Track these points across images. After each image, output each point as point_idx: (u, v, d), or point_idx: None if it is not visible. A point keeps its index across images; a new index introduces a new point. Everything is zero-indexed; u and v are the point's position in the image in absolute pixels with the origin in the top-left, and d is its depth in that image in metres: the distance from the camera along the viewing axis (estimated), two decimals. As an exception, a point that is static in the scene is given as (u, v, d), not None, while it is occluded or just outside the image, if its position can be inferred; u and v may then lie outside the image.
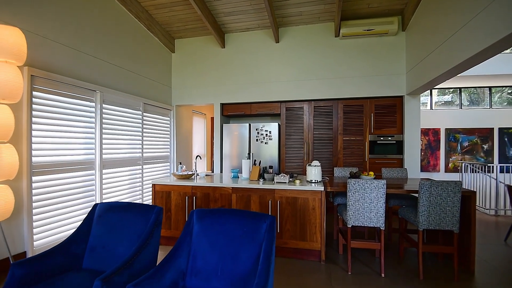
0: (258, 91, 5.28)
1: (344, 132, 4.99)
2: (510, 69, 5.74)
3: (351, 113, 4.99)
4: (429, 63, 4.01)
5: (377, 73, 4.86)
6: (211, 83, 5.53)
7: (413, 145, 4.77)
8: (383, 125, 4.89)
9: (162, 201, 3.44)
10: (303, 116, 5.15)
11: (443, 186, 2.52)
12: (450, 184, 2.51)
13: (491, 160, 6.80)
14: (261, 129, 5.21)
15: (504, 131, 6.76)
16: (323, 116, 5.08)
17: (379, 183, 2.62)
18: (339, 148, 5.00)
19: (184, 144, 6.11)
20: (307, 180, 3.29)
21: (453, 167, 6.98)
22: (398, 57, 4.82)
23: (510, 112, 6.77)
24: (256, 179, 3.45)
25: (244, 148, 5.30)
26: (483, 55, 2.97)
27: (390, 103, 4.88)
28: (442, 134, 7.06)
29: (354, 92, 4.91)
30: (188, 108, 6.32)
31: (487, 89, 7.10)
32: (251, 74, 5.32)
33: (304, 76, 5.10)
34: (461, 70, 3.52)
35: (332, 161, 5.02)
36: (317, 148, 5.09)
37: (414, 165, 4.75)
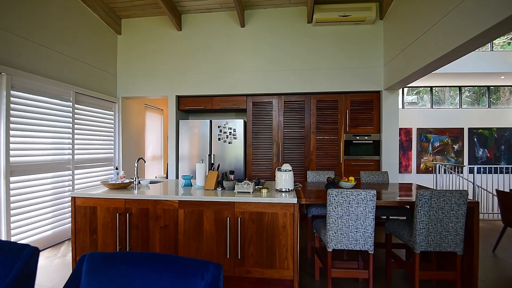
0: (220, 82, 4.55)
1: (317, 130, 4.43)
2: (484, 67, 5.59)
3: (325, 109, 4.44)
4: (409, 55, 3.58)
5: (353, 65, 4.36)
6: (165, 72, 4.69)
7: (391, 145, 4.33)
8: (359, 123, 4.40)
9: (85, 220, 2.58)
10: (272, 112, 4.51)
11: (446, 197, 1.99)
12: (454, 195, 1.98)
13: (461, 161, 6.70)
14: (224, 126, 4.49)
15: (473, 131, 6.68)
16: (294, 112, 4.49)
17: (367, 195, 2.02)
18: (312, 149, 4.43)
19: (134, 144, 5.19)
20: (277, 189, 2.63)
21: (424, 168, 6.79)
22: (376, 48, 4.36)
23: (478, 112, 6.71)
24: (212, 188, 2.72)
25: (205, 149, 4.54)
26: (469, 47, 2.59)
27: (367, 99, 4.41)
28: (414, 134, 6.84)
29: (328, 86, 4.37)
30: (139, 102, 5.40)
31: (447, 89, 7.00)
32: (212, 63, 4.58)
33: (273, 66, 4.46)
34: (444, 63, 3.12)
35: (305, 163, 4.44)
36: (288, 148, 4.48)
37: (392, 167, 4.32)
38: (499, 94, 6.87)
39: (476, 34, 2.33)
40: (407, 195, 2.57)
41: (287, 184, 2.59)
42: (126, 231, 2.50)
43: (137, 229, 2.49)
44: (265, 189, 2.54)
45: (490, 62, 5.59)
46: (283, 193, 2.52)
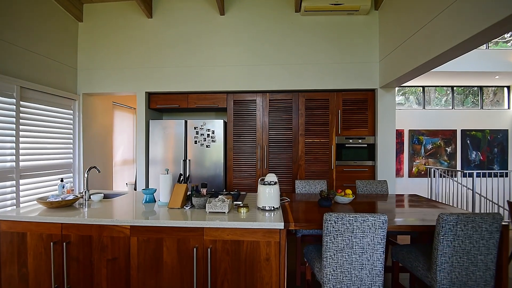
0: (197, 77, 4.00)
1: (306, 132, 3.96)
2: (479, 66, 5.29)
3: (314, 109, 3.97)
4: (407, 50, 3.18)
5: (345, 60, 3.91)
6: (133, 66, 4.08)
7: (387, 149, 3.91)
8: (352, 124, 3.96)
9: (12, 249, 1.98)
10: (256, 111, 4.00)
11: (476, 223, 1.54)
12: (485, 220, 1.53)
13: (454, 164, 6.42)
14: (201, 127, 3.94)
15: (466, 133, 6.41)
16: (280, 112, 3.99)
17: (376, 221, 1.54)
18: (300, 153, 3.95)
19: (99, 147, 4.55)
20: (259, 207, 2.12)
21: (417, 172, 6.47)
22: (370, 41, 3.93)
23: (471, 113, 6.45)
24: (179, 205, 2.18)
25: (180, 153, 3.98)
26: (472, 43, 2.25)
27: (361, 98, 3.97)
28: (406, 136, 6.50)
29: (318, 83, 3.91)
30: (106, 99, 4.76)
31: (433, 90, 6.71)
32: (188, 55, 4.02)
33: (257, 60, 3.95)
34: (447, 59, 2.73)
35: (292, 170, 3.95)
36: (274, 152, 3.98)
37: (389, 174, 3.90)
38: (484, 96, 6.63)
39: (488, 25, 1.95)
40: (427, 218, 2.12)
41: (271, 200, 2.08)
42: (63, 265, 1.92)
43: (77, 262, 1.92)
44: (244, 208, 2.03)
45: (485, 61, 5.31)
46: (266, 213, 2.01)
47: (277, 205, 2.10)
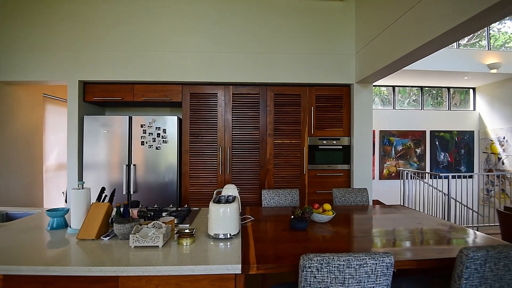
0: (145, 64, 3.30)
1: (275, 132, 3.44)
2: (449, 65, 5.15)
3: (285, 105, 3.46)
4: (384, 42, 2.82)
5: (319, 51, 3.45)
6: (63, 47, 3.28)
7: (364, 151, 3.52)
8: (326, 123, 3.52)
9: None
10: (218, 107, 3.40)
11: (510, 259, 1.09)
12: None
13: (423, 166, 6.32)
14: (149, 125, 3.25)
15: (435, 134, 6.34)
16: (246, 108, 3.43)
17: (378, 264, 1.03)
18: (268, 156, 3.42)
19: (23, 148, 3.65)
20: (211, 234, 1.53)
21: (387, 174, 6.27)
22: (347, 31, 3.51)
23: (440, 114, 6.40)
24: (93, 236, 1.52)
25: (123, 156, 3.25)
26: (454, 35, 2.04)
27: (336, 94, 3.54)
28: (377, 137, 6.28)
29: (289, 76, 3.40)
30: (33, 90, 3.86)
31: (397, 91, 6.61)
32: (133, 37, 3.31)
33: (218, 47, 3.35)
34: (426, 53, 2.46)
35: (259, 175, 3.41)
36: (238, 155, 3.41)
37: (365, 179, 3.51)
38: (440, 98, 6.64)
39: (469, 16, 1.73)
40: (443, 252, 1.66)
41: (227, 225, 1.51)
42: None
43: None
44: (188, 238, 1.43)
45: (455, 61, 5.19)
46: (220, 243, 1.43)
47: (235, 231, 1.53)
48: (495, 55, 5.21)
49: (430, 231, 1.73)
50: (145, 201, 3.24)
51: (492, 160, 6.03)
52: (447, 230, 1.76)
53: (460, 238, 1.62)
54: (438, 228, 1.80)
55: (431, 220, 2.01)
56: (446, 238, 1.61)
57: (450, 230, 1.76)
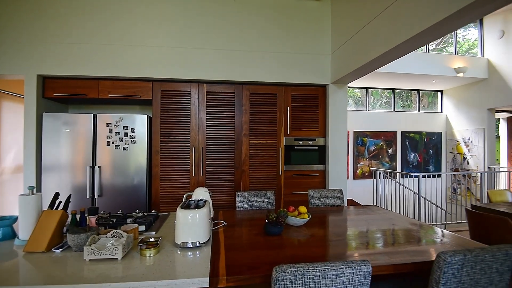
0: (113, 59, 3.08)
1: (251, 132, 3.35)
2: (419, 68, 5.34)
3: (261, 105, 3.39)
4: (360, 43, 2.83)
5: (295, 50, 3.41)
6: (20, 39, 2.98)
7: (339, 152, 3.53)
8: (303, 124, 3.49)
9: None
10: (191, 105, 3.25)
11: (485, 263, 1.07)
12: (497, 257, 1.09)
13: (394, 165, 6.52)
14: (116, 124, 3.04)
15: (405, 135, 6.57)
16: (221, 107, 3.31)
17: (355, 272, 0.97)
18: (244, 156, 3.33)
19: (-30, 148, 3.29)
20: (178, 243, 1.41)
21: (361, 173, 6.40)
22: (323, 30, 3.50)
23: (410, 115, 6.63)
24: (43, 249, 1.35)
25: (87, 157, 3.02)
26: (427, 36, 2.06)
27: (311, 94, 3.52)
28: (351, 137, 6.39)
29: (265, 75, 3.33)
30: (-15, 84, 3.50)
31: (370, 93, 6.82)
32: (100, 28, 3.08)
33: (192, 43, 3.21)
34: (399, 54, 2.47)
35: (234, 176, 3.30)
36: (213, 156, 3.28)
37: (340, 179, 3.52)
38: (410, 101, 6.91)
39: (443, 17, 1.75)
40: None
41: (196, 233, 1.39)
42: None
43: None
44: (152, 249, 1.30)
45: (425, 65, 5.39)
46: (188, 253, 1.32)
47: (204, 239, 1.42)
48: (461, 59, 5.47)
49: (403, 232, 1.72)
50: (112, 206, 3.02)
51: (458, 160, 6.34)
52: (417, 230, 1.76)
53: (430, 238, 1.62)
54: (412, 229, 1.80)
55: (404, 220, 2.02)
56: (419, 238, 1.61)
57: (419, 229, 1.76)
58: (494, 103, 5.46)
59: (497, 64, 5.37)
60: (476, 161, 5.87)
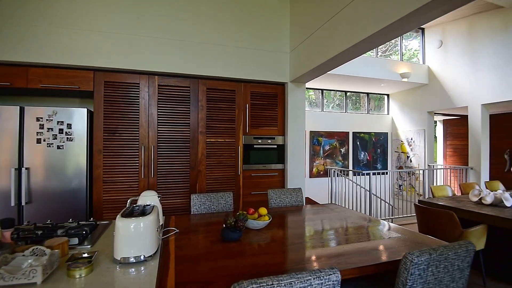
0: (46, 43, 2.65)
1: (208, 130, 3.16)
2: (369, 72, 5.63)
3: (218, 101, 3.21)
4: (317, 42, 2.83)
5: (255, 46, 3.31)
6: None
7: (297, 151, 3.51)
8: (262, 122, 3.40)
9: None
10: (140, 99, 2.94)
11: (449, 261, 1.06)
12: (459, 254, 1.08)
13: (347, 164, 6.82)
14: (49, 118, 2.61)
15: (356, 135, 6.90)
16: (175, 102, 3.06)
17: (324, 283, 0.86)
18: (200, 156, 3.12)
19: None
20: (117, 259, 1.18)
21: (316, 172, 6.57)
22: (282, 27, 3.45)
23: (360, 117, 6.99)
24: None
25: (12, 157, 2.54)
26: (385, 35, 2.08)
27: (271, 92, 3.45)
28: (307, 137, 6.52)
29: (224, 70, 3.17)
30: None
31: (320, 95, 7.11)
32: (29, 6, 2.62)
33: (141, 30, 2.90)
34: (357, 53, 2.51)
35: (190, 178, 3.08)
36: (165, 156, 3.01)
37: (299, 178, 3.50)
38: (359, 104, 7.36)
39: (402, 15, 1.77)
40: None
41: (141, 244, 1.18)
42: None
43: None
44: (83, 268, 1.06)
45: (375, 69, 5.71)
46: (131, 270, 1.10)
47: (151, 251, 1.21)
48: (406, 65, 5.90)
49: (363, 230, 1.71)
50: (44, 215, 2.59)
51: (402, 159, 6.85)
52: (376, 227, 1.76)
53: (389, 235, 1.63)
54: (369, 226, 1.80)
55: (360, 218, 2.03)
56: (378, 236, 1.60)
57: (377, 226, 1.77)
58: (433, 107, 5.99)
59: (436, 71, 5.90)
60: (418, 159, 6.39)
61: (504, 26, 4.58)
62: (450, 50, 5.60)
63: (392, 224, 1.90)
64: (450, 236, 2.35)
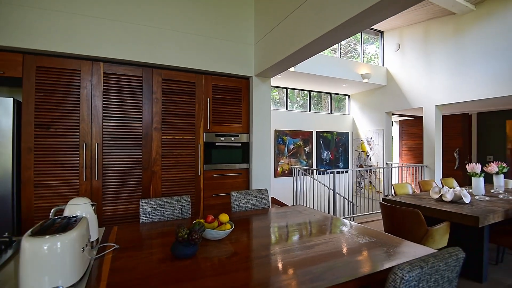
0: (-49, 15, 2.12)
1: (164, 126, 2.82)
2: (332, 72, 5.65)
3: (176, 94, 2.89)
4: (282, 34, 2.68)
5: (218, 35, 3.05)
6: None
7: (263, 149, 3.32)
8: (225, 118, 3.15)
9: None
10: (81, 89, 2.52)
11: (439, 273, 0.91)
12: (449, 265, 0.94)
13: (310, 163, 6.82)
14: (-42, 109, 2.10)
15: (320, 134, 6.94)
16: (124, 93, 2.68)
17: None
18: (154, 155, 2.77)
19: None
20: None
21: (281, 172, 6.47)
22: (247, 18, 3.23)
23: (323, 116, 7.04)
24: None
25: None
26: (352, 26, 1.99)
27: (234, 86, 3.21)
28: (272, 136, 6.40)
29: (182, 59, 2.86)
30: None
31: (284, 94, 7.11)
32: None
33: (84, 6, 2.48)
34: (323, 46, 2.40)
35: (142, 180, 2.72)
36: (112, 155, 2.62)
37: (265, 178, 3.32)
38: (321, 105, 7.49)
39: (365, 8, 1.71)
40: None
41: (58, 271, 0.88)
42: None
43: None
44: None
45: (337, 69, 5.75)
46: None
47: (74, 279, 0.91)
48: (366, 67, 6.04)
49: (335, 236, 1.56)
50: None
51: (362, 157, 7.04)
52: (351, 232, 1.63)
53: (364, 240, 1.49)
54: (336, 229, 1.65)
55: (329, 220, 1.88)
56: (353, 242, 1.45)
57: (351, 230, 1.64)
58: (391, 107, 6.22)
59: (394, 73, 6.13)
60: (377, 158, 6.59)
61: (456, 32, 4.85)
62: (407, 53, 5.84)
63: (360, 224, 1.79)
64: (416, 234, 2.32)
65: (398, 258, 1.24)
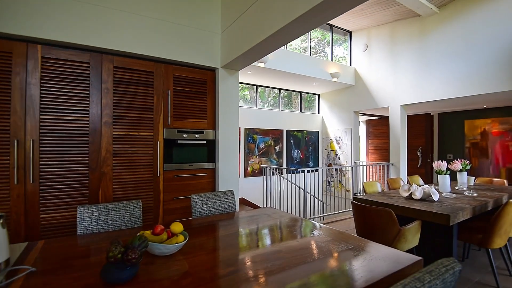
0: None
1: (116, 120, 2.48)
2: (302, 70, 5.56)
3: (130, 83, 2.56)
4: (250, 20, 2.48)
5: (181, 22, 2.76)
6: None
7: (230, 148, 3.09)
8: (188, 113, 2.87)
9: None
10: (12, 75, 2.11)
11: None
12: (446, 280, 0.78)
13: (281, 162, 6.70)
14: None
15: (290, 133, 6.85)
16: (66, 82, 2.30)
17: None
18: (104, 153, 2.42)
19: None
20: None
21: (251, 171, 6.28)
22: (213, 3, 2.98)
23: (293, 115, 6.97)
24: None
25: None
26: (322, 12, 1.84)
27: (199, 78, 2.94)
28: (242, 134, 6.18)
29: (139, 45, 2.53)
30: None
31: (254, 92, 6.98)
32: None
33: (14, -21, 2.08)
34: (293, 35, 2.24)
35: (89, 182, 2.36)
36: (52, 154, 2.23)
37: (232, 179, 3.09)
38: (291, 105, 7.46)
39: None
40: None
41: None
42: None
43: None
44: None
45: (308, 67, 5.68)
46: None
47: None
48: (336, 66, 6.04)
49: (308, 242, 1.38)
50: None
51: (332, 156, 7.07)
52: (324, 237, 1.46)
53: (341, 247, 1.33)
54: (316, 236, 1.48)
55: (299, 223, 1.71)
56: (328, 250, 1.28)
57: (324, 236, 1.47)
58: (359, 107, 6.29)
59: (362, 73, 6.19)
60: (345, 156, 6.64)
61: (421, 33, 4.98)
62: (374, 54, 5.93)
63: (331, 228, 1.63)
64: (389, 234, 2.23)
65: (381, 268, 1.08)
